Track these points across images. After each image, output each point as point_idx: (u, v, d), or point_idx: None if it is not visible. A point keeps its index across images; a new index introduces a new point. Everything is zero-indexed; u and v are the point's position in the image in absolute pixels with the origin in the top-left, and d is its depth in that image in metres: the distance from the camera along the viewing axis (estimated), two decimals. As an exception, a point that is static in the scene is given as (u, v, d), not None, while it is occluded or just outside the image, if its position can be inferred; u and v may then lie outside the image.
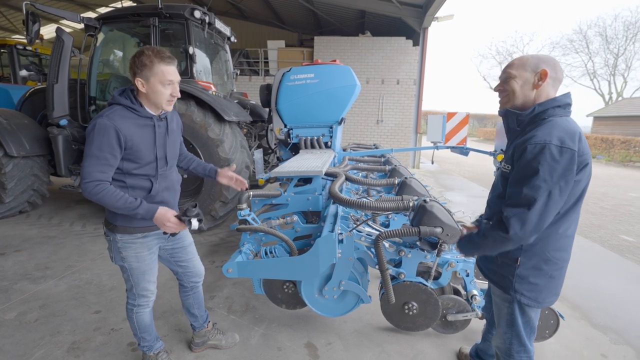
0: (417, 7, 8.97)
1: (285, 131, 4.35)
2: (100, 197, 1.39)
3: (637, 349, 2.25)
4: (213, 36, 4.72)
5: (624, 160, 15.20)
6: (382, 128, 9.96)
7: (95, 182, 1.39)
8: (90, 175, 1.39)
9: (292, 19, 13.55)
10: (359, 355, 2.09)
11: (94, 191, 1.38)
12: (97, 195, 1.39)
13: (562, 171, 1.14)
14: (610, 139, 16.82)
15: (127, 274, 1.61)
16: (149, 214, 1.44)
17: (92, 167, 1.39)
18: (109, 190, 1.41)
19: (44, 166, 4.41)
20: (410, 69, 9.57)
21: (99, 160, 1.40)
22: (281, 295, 2.34)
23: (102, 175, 1.41)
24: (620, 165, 14.70)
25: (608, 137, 17.12)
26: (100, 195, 1.39)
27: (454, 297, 2.17)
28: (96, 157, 1.39)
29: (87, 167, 1.39)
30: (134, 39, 4.89)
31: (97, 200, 1.40)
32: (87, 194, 1.40)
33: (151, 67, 1.44)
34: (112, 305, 2.53)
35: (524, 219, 1.18)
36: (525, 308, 1.34)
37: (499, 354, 1.48)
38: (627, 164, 14.67)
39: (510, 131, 1.40)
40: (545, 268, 1.28)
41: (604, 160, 15.95)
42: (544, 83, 1.26)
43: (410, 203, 2.12)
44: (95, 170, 1.39)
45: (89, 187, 1.39)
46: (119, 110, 1.45)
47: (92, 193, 1.39)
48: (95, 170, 1.39)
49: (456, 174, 9.95)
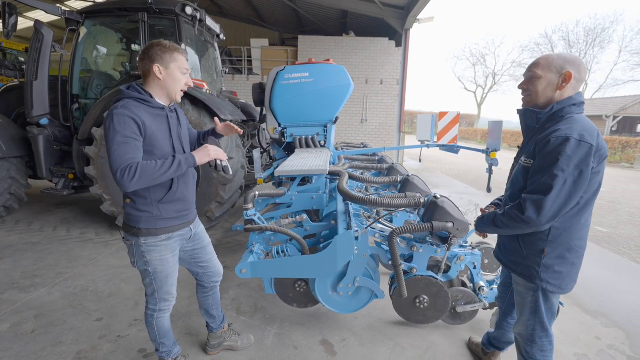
0: (399, 8, 9.16)
1: (280, 130, 4.32)
2: (140, 176, 1.30)
3: (626, 331, 2.43)
4: (203, 33, 4.61)
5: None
6: (366, 127, 10.09)
7: (128, 166, 1.30)
8: (122, 161, 1.30)
9: (273, 18, 13.43)
10: (375, 350, 2.13)
11: (131, 174, 1.29)
12: (137, 176, 1.29)
13: (578, 162, 1.23)
14: (575, 137, 17.90)
15: (149, 279, 1.56)
16: (191, 159, 1.45)
17: (122, 154, 1.31)
18: (143, 165, 1.32)
19: (21, 168, 4.13)
20: (393, 69, 9.76)
21: (128, 145, 1.33)
22: (293, 294, 2.33)
23: (132, 159, 1.33)
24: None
25: (573, 136, 18.20)
26: (139, 173, 1.30)
27: (463, 289, 2.26)
28: (123, 143, 1.32)
29: (116, 156, 1.31)
30: (117, 34, 4.70)
31: (139, 181, 1.31)
32: (126, 181, 1.29)
33: (172, 54, 1.47)
34: (114, 312, 2.42)
35: (540, 204, 1.26)
36: (549, 295, 1.43)
37: (521, 340, 1.57)
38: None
39: (528, 129, 1.48)
40: (568, 257, 1.37)
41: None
42: (567, 85, 1.34)
43: (422, 200, 2.18)
44: (126, 156, 1.31)
45: (124, 174, 1.29)
46: (130, 102, 1.41)
47: (131, 177, 1.29)
48: (125, 156, 1.31)
49: (438, 171, 10.25)
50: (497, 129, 3.42)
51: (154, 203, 1.47)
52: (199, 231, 1.75)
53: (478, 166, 11.53)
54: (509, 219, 1.37)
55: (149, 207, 1.46)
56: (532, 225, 1.31)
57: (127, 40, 4.77)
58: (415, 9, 8.35)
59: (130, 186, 1.31)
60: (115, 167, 1.30)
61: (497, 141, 3.38)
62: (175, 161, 1.40)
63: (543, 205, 1.26)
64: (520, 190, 1.43)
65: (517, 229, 1.37)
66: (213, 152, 1.50)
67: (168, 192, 1.49)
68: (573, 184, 1.25)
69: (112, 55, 4.98)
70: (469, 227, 2.07)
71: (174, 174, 1.40)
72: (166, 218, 1.50)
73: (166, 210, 1.50)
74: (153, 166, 1.34)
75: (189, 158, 1.44)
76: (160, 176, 1.36)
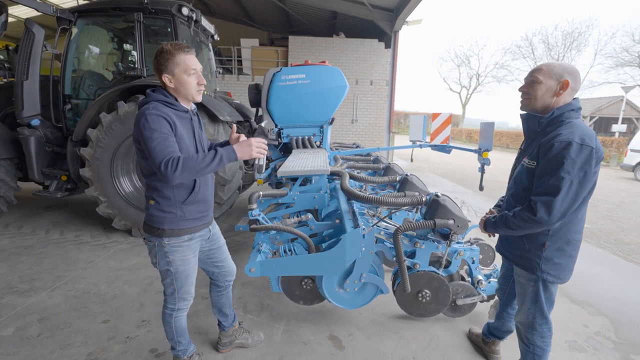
0: (388, 10, 9.32)
1: (276, 131, 4.37)
2: (183, 168, 1.32)
3: (610, 318, 2.60)
4: (198, 34, 4.60)
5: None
6: (356, 127, 10.21)
7: (171, 158, 1.33)
8: (164, 154, 1.33)
9: (262, 17, 13.39)
10: (381, 343, 2.21)
11: (174, 166, 1.32)
12: (180, 167, 1.32)
13: (581, 164, 1.34)
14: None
15: (170, 278, 1.59)
16: (232, 154, 1.42)
17: (163, 149, 1.34)
18: (184, 158, 1.35)
19: (11, 170, 4.03)
20: (383, 70, 9.92)
21: (167, 140, 1.36)
22: (299, 291, 2.39)
23: (172, 151, 1.36)
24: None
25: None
26: (182, 165, 1.32)
27: (463, 282, 2.37)
28: (161, 138, 1.35)
29: (158, 151, 1.33)
30: (109, 33, 4.63)
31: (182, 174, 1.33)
32: (170, 173, 1.32)
33: (172, 59, 1.44)
34: (119, 313, 2.42)
35: (550, 205, 1.37)
36: (548, 285, 1.54)
37: (521, 328, 1.68)
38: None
39: (530, 132, 1.58)
40: (567, 249, 1.49)
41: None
42: (564, 92, 1.45)
43: (424, 198, 2.28)
44: (167, 149, 1.35)
45: (168, 166, 1.31)
46: (158, 104, 1.44)
47: (174, 169, 1.32)
48: (167, 150, 1.35)
49: (427, 170, 10.48)
50: (489, 130, 3.57)
51: (178, 204, 1.50)
52: (216, 232, 1.79)
53: (464, 165, 11.85)
54: (521, 220, 1.46)
55: (173, 208, 1.50)
56: (543, 224, 1.41)
57: (119, 40, 4.71)
58: (404, 12, 8.53)
59: (174, 178, 1.33)
60: (157, 160, 1.34)
61: (489, 141, 3.53)
62: (217, 155, 1.39)
63: (553, 205, 1.36)
64: (524, 190, 1.53)
65: (529, 229, 1.47)
66: (256, 148, 1.47)
67: (191, 193, 1.52)
68: (579, 185, 1.36)
69: (104, 54, 4.90)
70: (468, 223, 2.18)
71: (215, 167, 1.40)
72: (189, 219, 1.53)
73: (189, 211, 1.53)
74: (195, 158, 1.36)
75: (231, 153, 1.42)
76: (202, 169, 1.37)
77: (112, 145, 3.67)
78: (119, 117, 3.59)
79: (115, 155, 3.72)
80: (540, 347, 1.63)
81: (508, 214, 1.53)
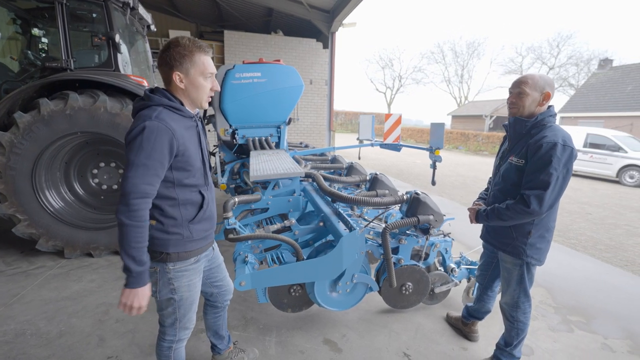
0: (325, 11, 9.50)
1: (231, 132, 4.14)
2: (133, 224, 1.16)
3: (547, 289, 3.10)
4: (134, 23, 4.07)
5: (476, 150, 19.47)
6: (298, 126, 10.22)
7: (142, 200, 1.17)
8: (136, 188, 1.16)
9: (188, 7, 12.40)
10: (374, 339, 2.27)
11: (136, 211, 1.15)
12: (135, 219, 1.16)
13: (565, 162, 1.58)
14: (466, 133, 21.25)
15: (172, 307, 1.38)
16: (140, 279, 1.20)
17: (140, 179, 1.16)
18: (145, 223, 1.19)
19: None
20: (322, 70, 10.09)
21: (148, 170, 1.17)
22: (287, 299, 2.31)
23: (150, 188, 1.19)
24: (475, 154, 18.79)
25: (464, 132, 21.59)
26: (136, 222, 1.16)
27: (439, 272, 2.57)
28: (144, 166, 1.16)
29: (134, 179, 1.16)
30: (10, 14, 3.82)
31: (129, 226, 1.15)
32: (126, 213, 1.15)
33: (191, 57, 1.27)
34: (75, 354, 2.03)
35: (542, 197, 1.58)
36: (531, 268, 1.78)
37: (507, 308, 1.90)
38: (479, 153, 18.87)
39: (516, 134, 1.79)
40: (546, 235, 1.73)
41: (464, 150, 20.08)
42: (546, 102, 1.68)
43: (405, 197, 2.41)
44: (143, 182, 1.17)
45: (134, 204, 1.15)
46: (164, 111, 1.24)
47: (132, 213, 1.15)
48: (143, 183, 1.17)
49: (373, 169, 11.04)
50: (439, 130, 3.91)
51: (185, 224, 1.31)
52: (215, 248, 1.62)
53: (410, 162, 12.72)
54: (514, 212, 1.65)
55: (179, 228, 1.30)
56: (534, 215, 1.62)
57: (24, 22, 3.91)
58: (341, 14, 8.79)
59: (125, 219, 1.16)
60: (129, 188, 1.17)
61: (440, 140, 3.88)
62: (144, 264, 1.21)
63: (544, 198, 1.57)
64: (513, 185, 1.73)
65: (520, 219, 1.67)
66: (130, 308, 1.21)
67: (199, 210, 1.35)
68: (563, 179, 1.59)
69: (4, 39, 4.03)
70: (443, 217, 2.38)
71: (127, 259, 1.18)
72: (196, 239, 1.36)
73: (196, 231, 1.36)
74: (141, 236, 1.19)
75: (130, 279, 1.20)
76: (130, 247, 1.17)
77: (33, 151, 3.03)
78: (42, 118, 2.98)
79: (37, 164, 3.08)
80: (522, 322, 1.86)
81: (500, 207, 1.72)
